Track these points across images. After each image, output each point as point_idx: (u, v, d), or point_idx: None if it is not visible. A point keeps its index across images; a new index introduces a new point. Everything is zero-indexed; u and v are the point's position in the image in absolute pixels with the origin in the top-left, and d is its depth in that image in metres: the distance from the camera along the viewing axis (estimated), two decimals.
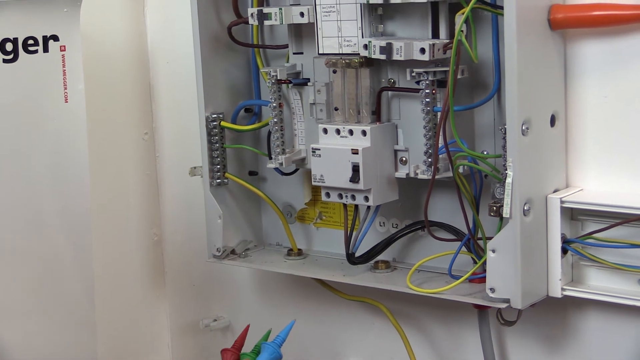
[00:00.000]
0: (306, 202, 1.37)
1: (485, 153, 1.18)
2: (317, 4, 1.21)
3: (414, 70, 1.15)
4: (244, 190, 1.38)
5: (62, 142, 1.29)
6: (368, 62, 1.19)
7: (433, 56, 1.12)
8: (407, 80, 1.17)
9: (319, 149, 1.21)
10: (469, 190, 1.16)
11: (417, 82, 1.16)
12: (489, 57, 1.16)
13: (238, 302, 1.52)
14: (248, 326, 1.30)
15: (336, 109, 1.23)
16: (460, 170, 1.15)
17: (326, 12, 1.21)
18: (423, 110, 1.16)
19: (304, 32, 1.27)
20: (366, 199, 1.20)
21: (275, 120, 1.28)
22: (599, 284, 1.15)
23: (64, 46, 1.28)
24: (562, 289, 1.14)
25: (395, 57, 1.14)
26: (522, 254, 1.10)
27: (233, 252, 1.37)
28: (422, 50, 1.12)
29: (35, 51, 1.25)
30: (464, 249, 1.20)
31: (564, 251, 1.13)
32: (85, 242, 1.32)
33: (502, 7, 1.08)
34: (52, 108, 1.28)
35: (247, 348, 1.27)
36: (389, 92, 1.22)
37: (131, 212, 1.55)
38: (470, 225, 1.17)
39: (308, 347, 1.44)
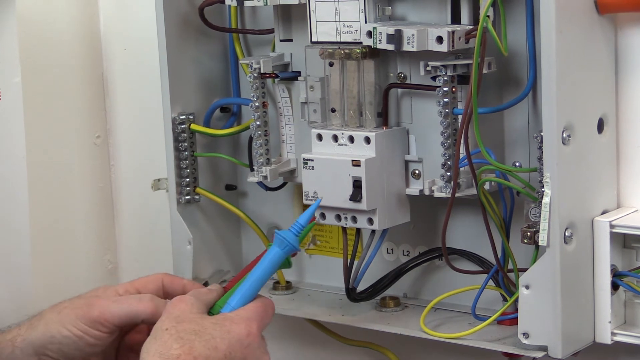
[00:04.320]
0: None
1: (517, 166, 1.19)
2: None
3: (430, 63, 1.15)
4: (220, 209, 1.38)
5: None
6: (372, 52, 1.20)
7: (453, 46, 1.13)
8: (421, 76, 1.18)
9: (312, 160, 1.22)
10: (496, 211, 1.17)
11: (433, 78, 1.16)
12: (521, 48, 1.16)
13: None
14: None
15: (333, 110, 1.23)
16: (486, 186, 1.16)
17: None
18: (440, 112, 1.16)
19: (293, 15, 1.27)
20: (370, 221, 1.20)
21: (258, 123, 1.29)
22: None
23: None
24: (612, 334, 1.14)
25: (406, 47, 1.14)
26: (563, 290, 1.10)
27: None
28: (440, 39, 1.13)
29: None
30: (490, 283, 1.20)
31: (615, 287, 1.14)
32: (24, 270, 1.33)
33: None
34: None
35: None
36: (399, 90, 1.22)
37: (80, 234, 1.54)
38: (499, 254, 1.18)
39: None
